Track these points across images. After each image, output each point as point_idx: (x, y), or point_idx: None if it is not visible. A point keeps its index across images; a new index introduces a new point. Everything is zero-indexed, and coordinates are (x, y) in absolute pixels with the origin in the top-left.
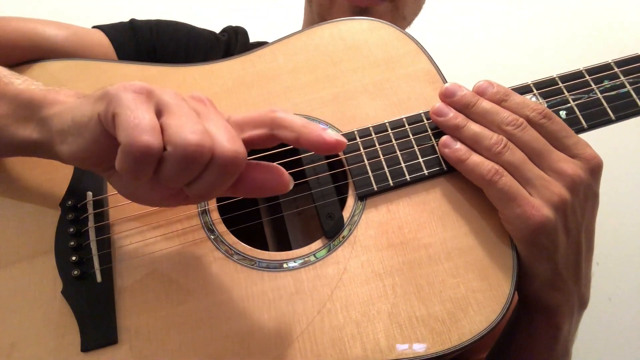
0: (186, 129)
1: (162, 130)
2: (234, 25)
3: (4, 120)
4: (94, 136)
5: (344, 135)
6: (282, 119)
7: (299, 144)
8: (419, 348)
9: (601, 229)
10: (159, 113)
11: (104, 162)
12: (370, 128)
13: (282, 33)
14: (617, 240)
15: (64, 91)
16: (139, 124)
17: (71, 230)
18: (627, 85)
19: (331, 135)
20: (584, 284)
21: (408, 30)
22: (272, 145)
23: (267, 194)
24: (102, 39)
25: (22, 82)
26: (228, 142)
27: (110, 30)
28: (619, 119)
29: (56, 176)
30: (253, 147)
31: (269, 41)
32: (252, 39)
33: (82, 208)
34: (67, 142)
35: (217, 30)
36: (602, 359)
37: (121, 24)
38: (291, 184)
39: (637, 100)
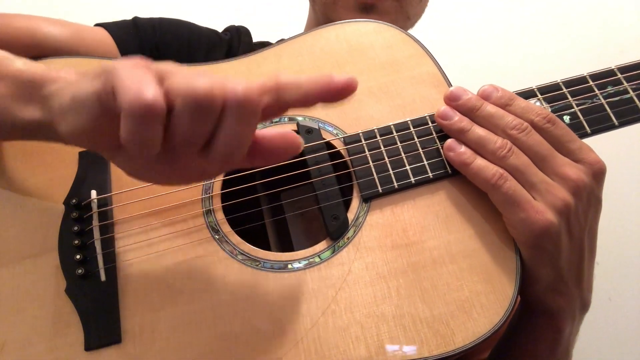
0: (192, 79)
1: (167, 92)
2: (236, 24)
3: (6, 102)
4: (92, 114)
5: (349, 137)
6: (286, 79)
7: (307, 100)
8: (422, 350)
9: (601, 230)
10: (160, 80)
11: (105, 140)
12: (375, 130)
13: (283, 33)
14: (617, 240)
15: (65, 69)
16: (138, 84)
17: (75, 228)
18: (630, 91)
19: (341, 76)
20: (586, 287)
21: (411, 32)
22: (278, 116)
23: (282, 158)
24: (105, 37)
25: (24, 64)
26: (239, 85)
27: (113, 28)
28: (622, 124)
29: (60, 174)
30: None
31: (272, 41)
32: (255, 39)
33: (87, 206)
34: (67, 120)
35: (220, 30)
36: (602, 359)
37: (124, 22)
38: (302, 145)
39: None
